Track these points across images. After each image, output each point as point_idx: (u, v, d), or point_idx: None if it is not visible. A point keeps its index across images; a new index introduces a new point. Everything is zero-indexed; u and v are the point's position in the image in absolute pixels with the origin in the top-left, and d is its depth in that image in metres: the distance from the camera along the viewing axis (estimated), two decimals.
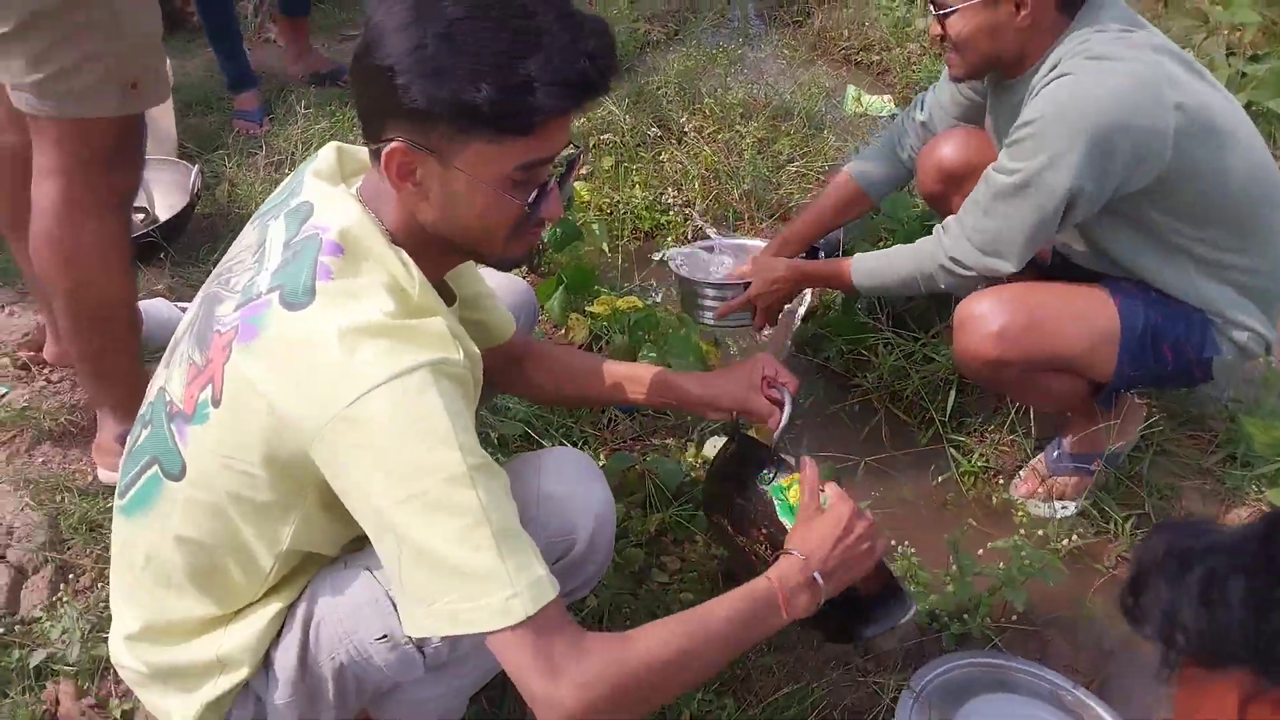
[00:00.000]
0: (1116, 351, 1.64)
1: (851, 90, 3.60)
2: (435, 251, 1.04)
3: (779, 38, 4.11)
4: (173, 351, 1.08)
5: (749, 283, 2.00)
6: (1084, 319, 1.64)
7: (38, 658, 1.39)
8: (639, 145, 2.91)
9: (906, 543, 1.70)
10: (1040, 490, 1.91)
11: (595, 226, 2.50)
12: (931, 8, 1.67)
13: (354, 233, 0.98)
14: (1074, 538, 1.81)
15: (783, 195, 2.78)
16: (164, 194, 2.62)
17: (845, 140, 3.19)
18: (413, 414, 0.89)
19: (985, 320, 1.63)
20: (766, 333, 2.27)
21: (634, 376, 1.39)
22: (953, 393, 1.99)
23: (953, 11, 1.62)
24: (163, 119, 2.83)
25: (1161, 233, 1.62)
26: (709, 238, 2.49)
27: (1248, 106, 2.78)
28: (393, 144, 0.94)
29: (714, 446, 1.82)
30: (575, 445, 1.87)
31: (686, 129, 2.96)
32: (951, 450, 1.99)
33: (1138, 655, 1.61)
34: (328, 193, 1.02)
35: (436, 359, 0.92)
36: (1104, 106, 1.48)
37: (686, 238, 2.65)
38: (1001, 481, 1.97)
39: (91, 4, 1.37)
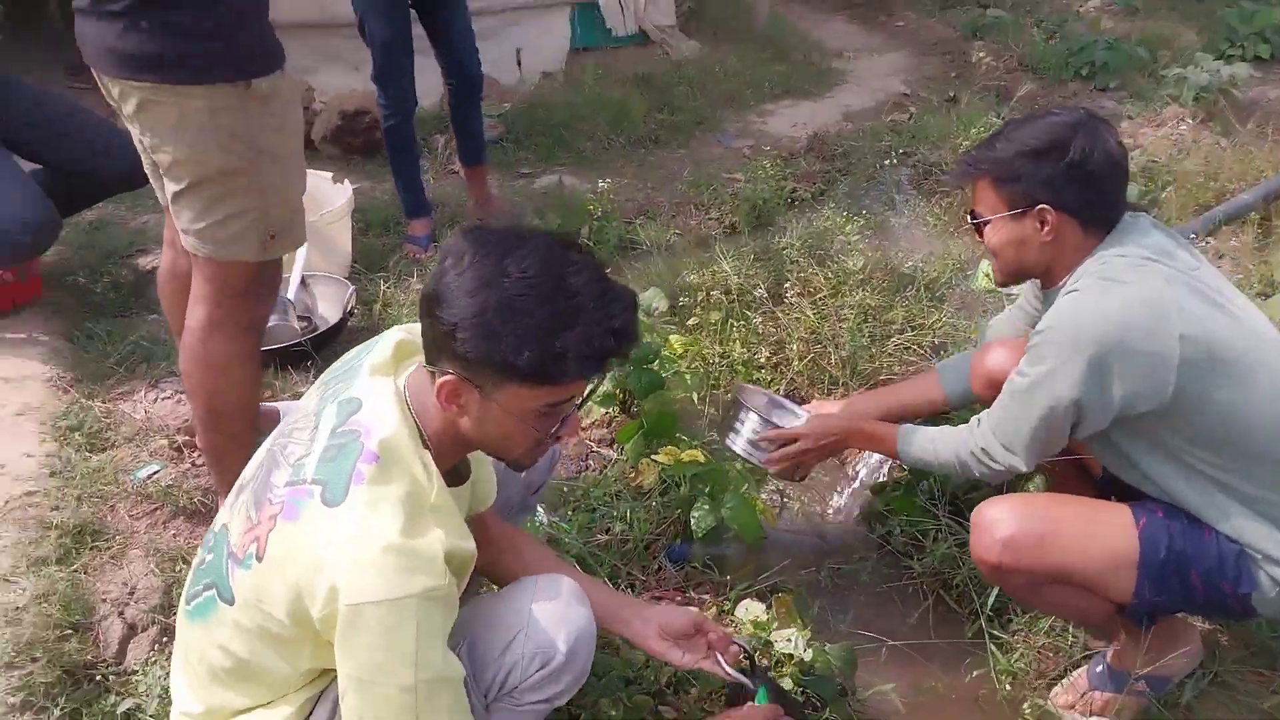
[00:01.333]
0: (1135, 575, 1.65)
1: (984, 265, 3.68)
2: (461, 448, 1.31)
3: (925, 206, 4.28)
4: (238, 494, 1.36)
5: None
6: (1100, 539, 1.68)
7: (125, 705, 1.70)
8: (748, 304, 3.13)
9: None
10: (1079, 704, 1.90)
11: (687, 377, 2.71)
12: (969, 217, 1.82)
13: (391, 443, 1.21)
14: None
15: (881, 365, 2.90)
16: (327, 307, 3.08)
17: (962, 316, 3.27)
18: (391, 633, 1.13)
19: (996, 526, 1.70)
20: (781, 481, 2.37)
21: (596, 586, 1.61)
22: (997, 588, 2.02)
23: (986, 222, 1.77)
24: (340, 238, 3.33)
25: (1183, 457, 1.64)
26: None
27: None
28: (447, 377, 1.20)
29: (745, 609, 1.93)
30: (620, 585, 2.04)
31: (789, 293, 3.14)
32: (992, 646, 2.01)
33: None
34: (378, 392, 1.27)
35: (426, 589, 1.14)
36: (1101, 326, 1.58)
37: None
38: (1041, 685, 1.96)
39: (241, 173, 1.76)
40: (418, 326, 1.34)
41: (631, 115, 5.26)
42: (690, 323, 3.03)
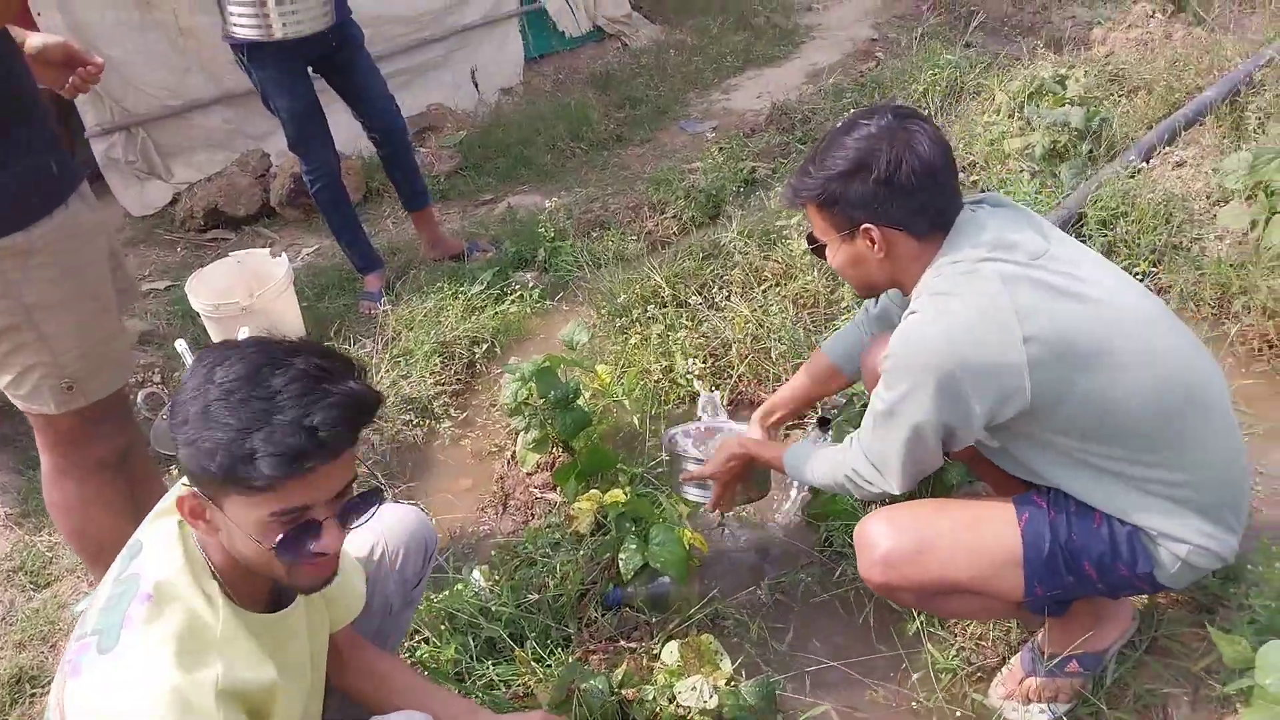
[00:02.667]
0: (1022, 575, 1.64)
1: None
2: (250, 571, 1.28)
3: None
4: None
5: None
6: (979, 544, 1.67)
7: None
8: (688, 311, 3.14)
9: None
10: (1017, 693, 1.89)
11: (625, 402, 2.74)
12: (807, 241, 1.82)
13: (165, 579, 1.22)
14: None
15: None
16: None
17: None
18: None
19: (875, 545, 1.71)
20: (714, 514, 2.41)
21: (446, 702, 1.57)
22: None
23: (821, 246, 1.76)
24: (286, 312, 3.43)
25: (1066, 450, 1.61)
26: (715, 408, 2.66)
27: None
28: (186, 493, 1.23)
29: (670, 652, 1.96)
30: (554, 642, 2.09)
31: (725, 295, 3.14)
32: (930, 647, 2.01)
33: None
34: (157, 531, 1.30)
35: None
36: (942, 348, 1.55)
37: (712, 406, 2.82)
38: (981, 678, 1.96)
39: (15, 330, 1.70)
40: None
41: (590, 119, 5.28)
42: (633, 341, 3.06)
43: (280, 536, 1.22)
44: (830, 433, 2.42)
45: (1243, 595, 1.87)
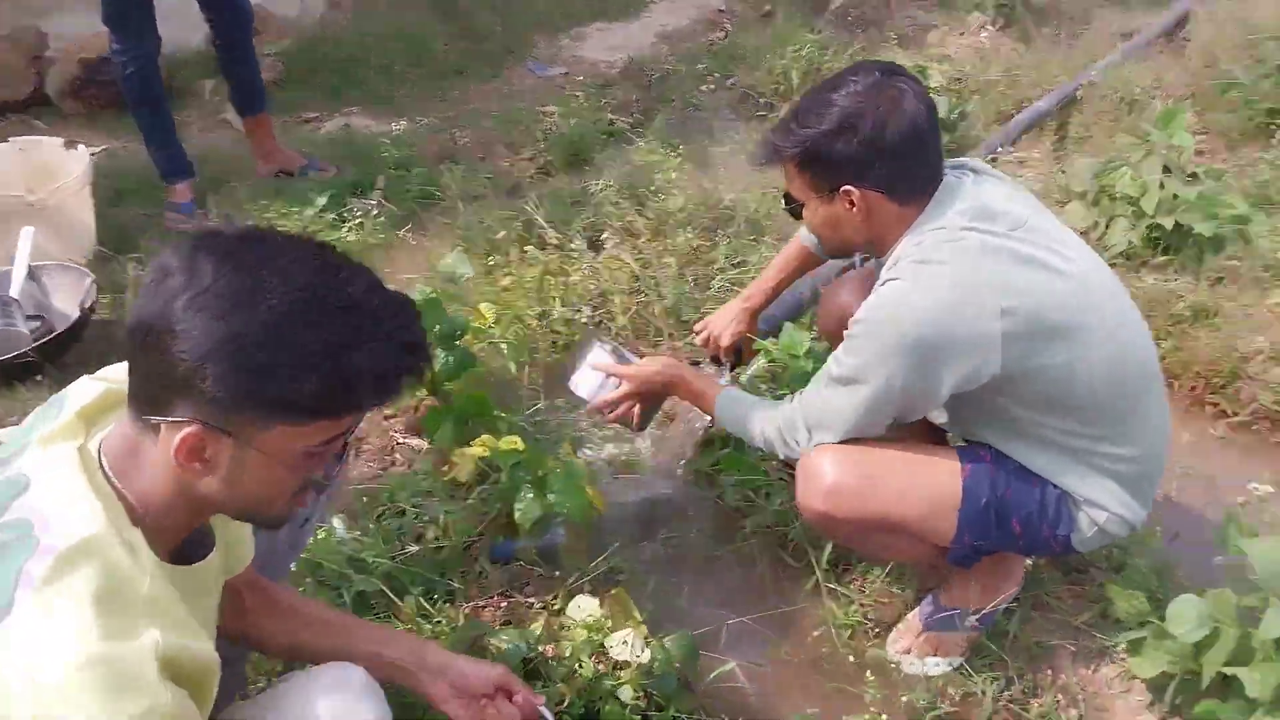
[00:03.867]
0: (955, 521, 1.71)
1: None
2: (196, 515, 1.09)
3: (745, 132, 4.27)
4: None
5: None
6: (922, 487, 1.72)
7: None
8: (566, 256, 3.03)
9: None
10: (915, 647, 1.97)
11: (504, 347, 2.60)
12: (784, 199, 1.80)
13: (75, 528, 0.96)
14: (942, 704, 1.86)
15: (705, 311, 2.88)
16: (65, 301, 2.71)
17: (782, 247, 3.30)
18: None
19: (821, 474, 1.72)
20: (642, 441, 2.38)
21: (386, 640, 1.42)
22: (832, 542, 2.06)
23: (798, 206, 1.75)
24: (79, 215, 2.98)
25: (1019, 421, 1.68)
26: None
27: (1177, 229, 2.87)
28: (188, 429, 0.97)
29: (578, 607, 1.88)
30: (439, 597, 1.94)
31: (607, 242, 3.07)
32: (830, 604, 2.05)
33: None
34: (53, 462, 1.02)
35: (142, 712, 0.91)
36: (920, 318, 1.57)
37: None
38: (879, 633, 2.03)
39: None
40: (121, 369, 1.12)
41: (430, 46, 4.99)
42: (504, 283, 2.92)
43: (327, 466, 1.07)
44: (726, 372, 2.39)
45: (1120, 557, 2.04)
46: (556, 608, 1.97)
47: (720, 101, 4.61)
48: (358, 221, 3.35)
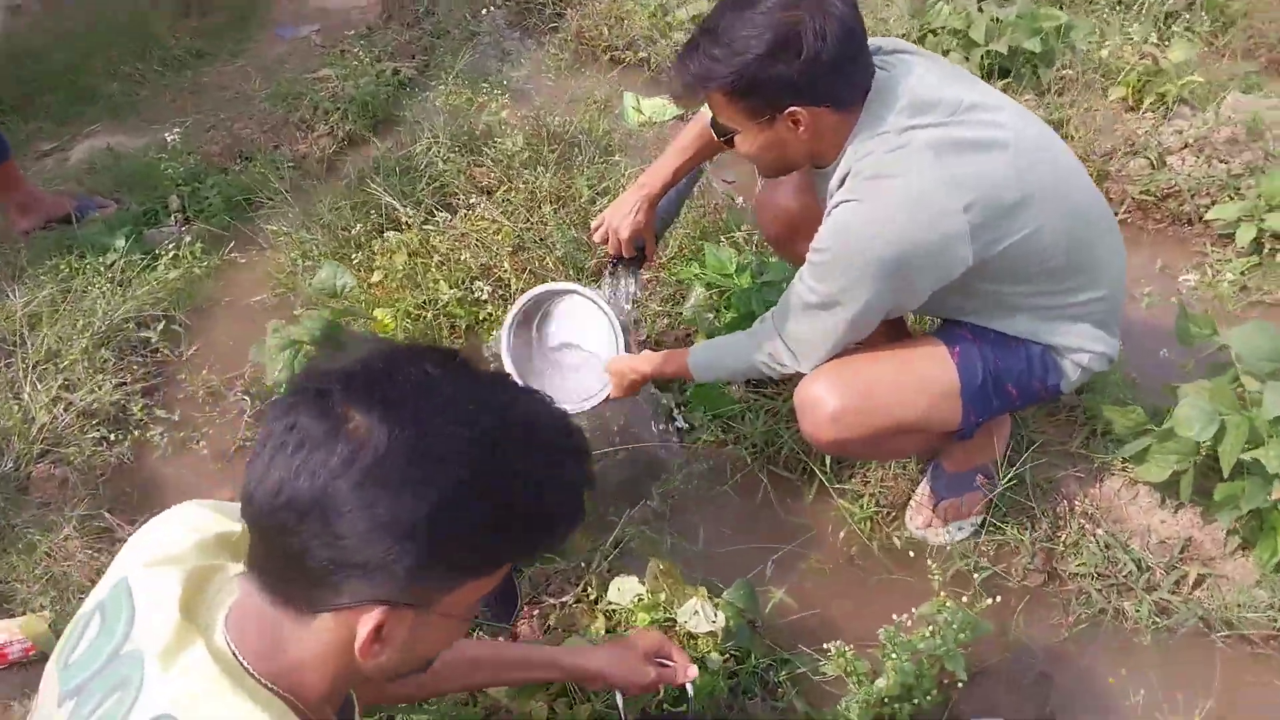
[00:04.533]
0: (960, 405, 1.75)
1: (629, 98, 3.62)
2: (351, 686, 0.96)
3: (539, 48, 4.07)
4: None
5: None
6: (921, 386, 1.75)
7: None
8: (426, 233, 2.82)
9: (839, 642, 1.73)
10: (934, 518, 2.04)
11: None
12: (713, 130, 1.70)
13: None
14: (980, 563, 1.95)
15: (596, 252, 2.76)
16: None
17: (638, 159, 3.21)
18: None
19: (822, 403, 1.72)
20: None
21: (525, 660, 1.46)
22: None
23: (732, 135, 1.66)
24: None
25: (991, 295, 1.71)
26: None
27: (1012, 53, 3.00)
28: (372, 613, 0.82)
29: (619, 590, 1.80)
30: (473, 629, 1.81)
31: (459, 206, 2.88)
32: (842, 503, 2.08)
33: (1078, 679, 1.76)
34: (205, 700, 0.84)
35: None
36: (888, 239, 1.54)
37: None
38: (896, 516, 2.08)
39: None
40: (214, 514, 0.98)
41: (153, 33, 4.40)
42: (375, 280, 2.68)
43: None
44: (622, 274, 2.21)
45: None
46: (593, 597, 1.89)
47: (499, 22, 4.36)
48: (169, 255, 2.96)
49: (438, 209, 2.93)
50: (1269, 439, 1.71)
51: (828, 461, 2.10)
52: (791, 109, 1.57)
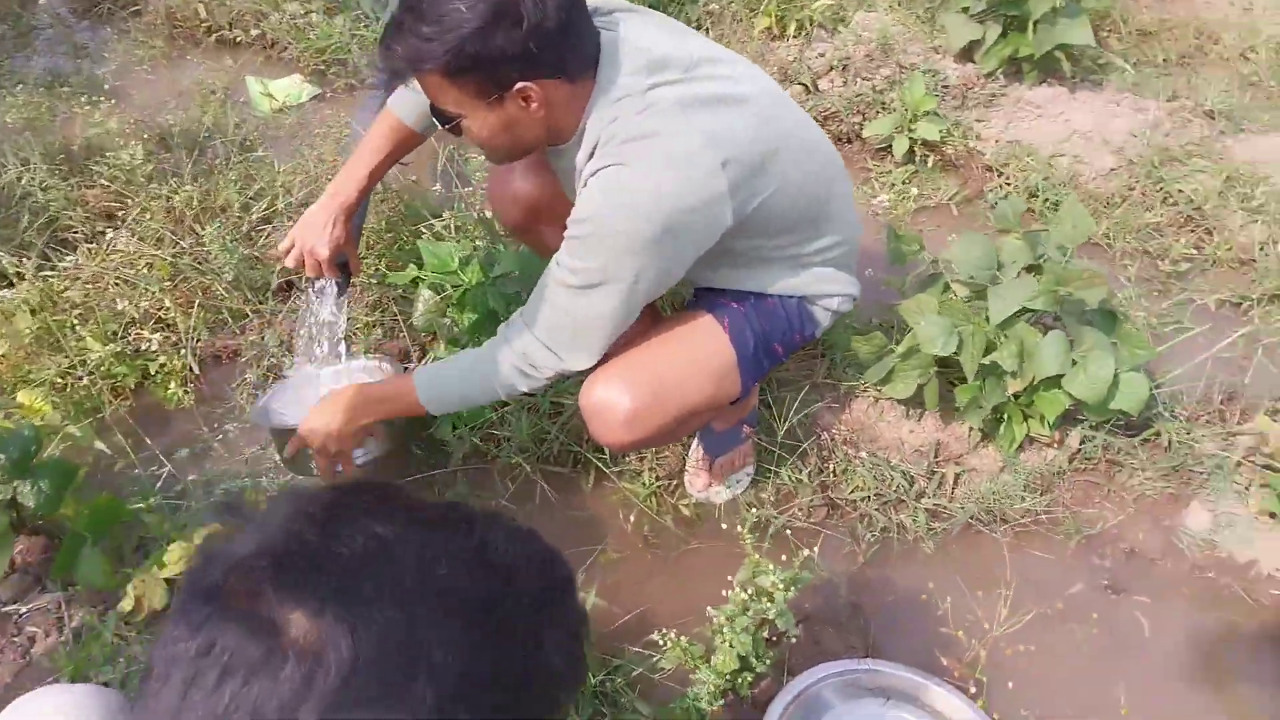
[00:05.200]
0: (739, 375, 1.73)
1: (253, 84, 3.20)
2: None
3: (119, 38, 3.48)
4: None
5: None
6: (704, 365, 1.70)
7: None
8: (51, 282, 2.30)
9: (669, 632, 1.67)
10: (711, 479, 2.03)
11: (76, 430, 1.94)
12: (434, 118, 1.50)
13: None
14: (771, 511, 1.97)
15: (271, 266, 2.41)
16: None
17: (303, 143, 2.86)
18: None
19: (613, 407, 1.63)
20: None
21: None
22: None
23: (457, 121, 1.47)
24: None
25: (744, 254, 1.68)
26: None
27: None
28: None
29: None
30: None
31: (102, 234, 2.40)
32: (624, 485, 2.01)
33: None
34: None
35: None
36: (652, 204, 1.45)
37: (187, 375, 2.21)
38: (677, 487, 2.05)
39: None
40: None
41: None
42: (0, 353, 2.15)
43: None
44: (329, 299, 1.93)
45: None
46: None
47: (61, 11, 3.67)
48: None
49: (55, 250, 2.41)
50: (1001, 342, 1.86)
51: (592, 448, 2.01)
52: (521, 85, 1.42)
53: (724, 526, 1.94)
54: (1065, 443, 2.05)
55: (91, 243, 2.42)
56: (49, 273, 2.32)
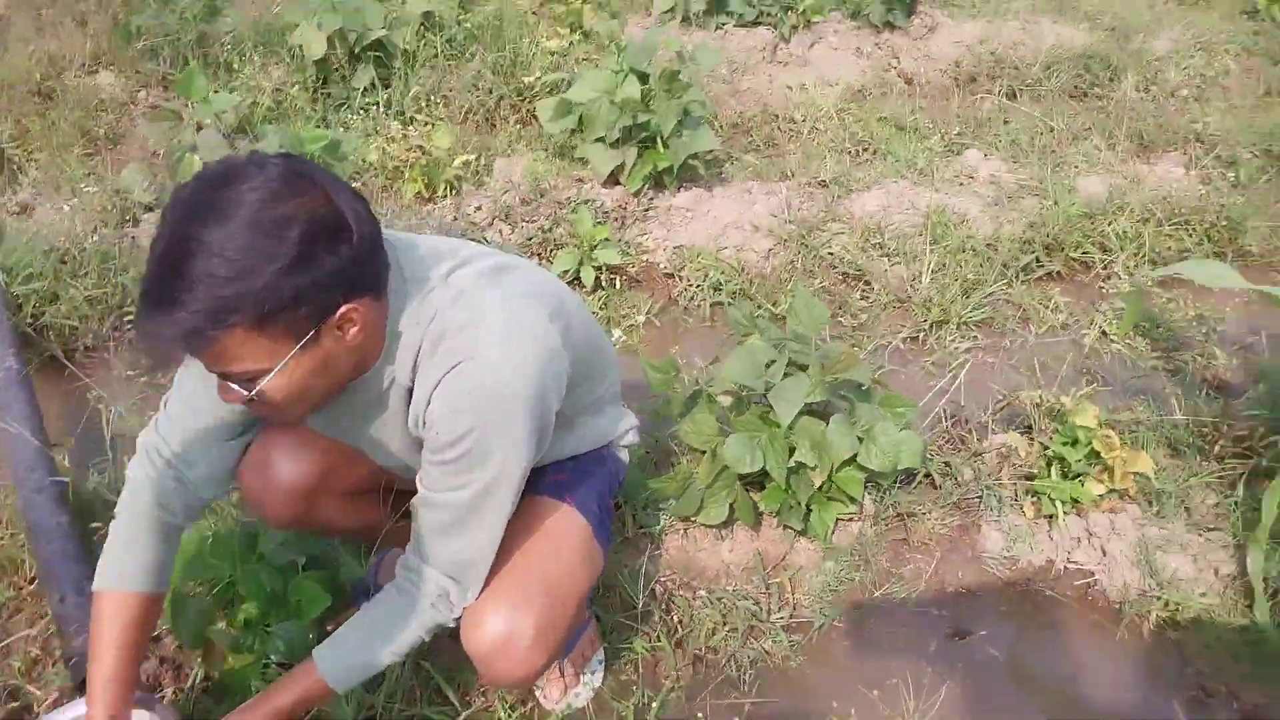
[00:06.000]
0: (598, 544, 1.64)
1: None
2: None
3: None
4: None
5: None
6: (570, 553, 1.58)
7: None
8: None
9: None
10: (564, 681, 1.85)
11: None
12: (231, 388, 1.23)
13: None
14: (636, 689, 1.83)
15: None
16: None
17: None
18: None
19: (515, 635, 1.45)
20: None
21: None
22: None
23: (263, 383, 1.23)
24: None
25: (564, 411, 1.57)
26: None
27: None
28: None
29: None
30: None
31: None
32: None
33: None
34: None
35: None
36: (521, 378, 1.34)
37: None
38: (534, 707, 1.84)
39: None
40: None
41: None
42: None
43: None
44: None
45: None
46: None
47: None
48: None
49: None
50: (798, 441, 1.91)
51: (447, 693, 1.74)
52: (345, 309, 1.23)
53: None
54: (863, 511, 2.15)
55: None
56: None
